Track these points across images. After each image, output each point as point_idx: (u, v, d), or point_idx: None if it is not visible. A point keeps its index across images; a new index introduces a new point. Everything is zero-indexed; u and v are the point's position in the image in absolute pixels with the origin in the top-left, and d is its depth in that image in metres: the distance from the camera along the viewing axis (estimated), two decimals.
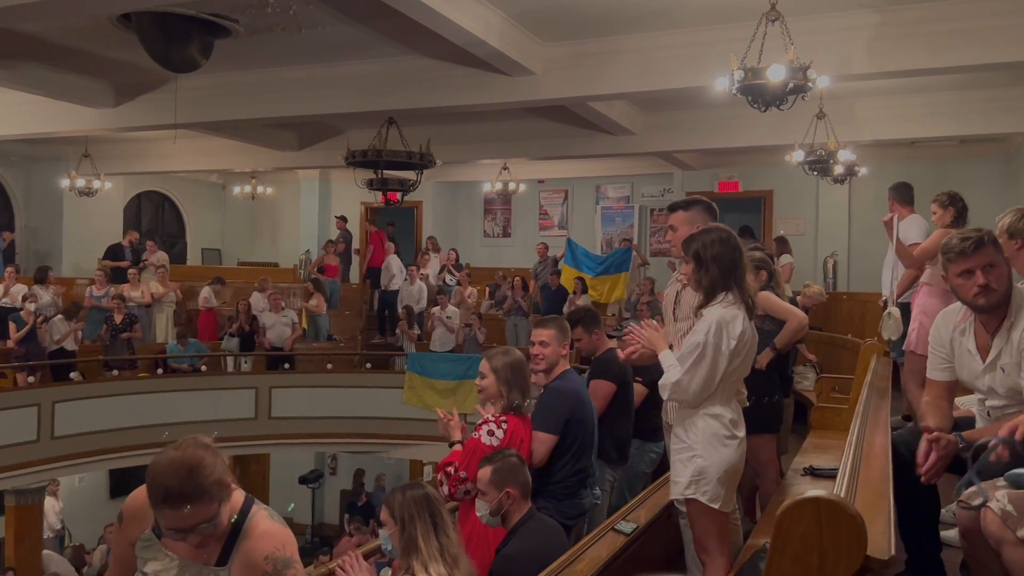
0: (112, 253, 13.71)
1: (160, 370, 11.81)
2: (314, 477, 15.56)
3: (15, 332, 10.57)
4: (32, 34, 8.46)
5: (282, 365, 12.27)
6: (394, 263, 13.78)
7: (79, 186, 13.07)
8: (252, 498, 2.29)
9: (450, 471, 3.68)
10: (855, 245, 13.04)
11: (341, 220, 15.49)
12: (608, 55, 8.18)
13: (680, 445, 3.19)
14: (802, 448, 5.03)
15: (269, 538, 2.20)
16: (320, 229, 16.60)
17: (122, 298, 11.97)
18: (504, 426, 3.72)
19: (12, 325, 10.61)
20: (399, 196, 11.07)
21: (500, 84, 8.58)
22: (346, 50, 8.73)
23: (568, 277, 13.06)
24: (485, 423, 3.74)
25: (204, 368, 12.12)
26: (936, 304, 4.78)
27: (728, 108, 9.49)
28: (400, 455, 13.24)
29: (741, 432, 3.19)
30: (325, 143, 12.93)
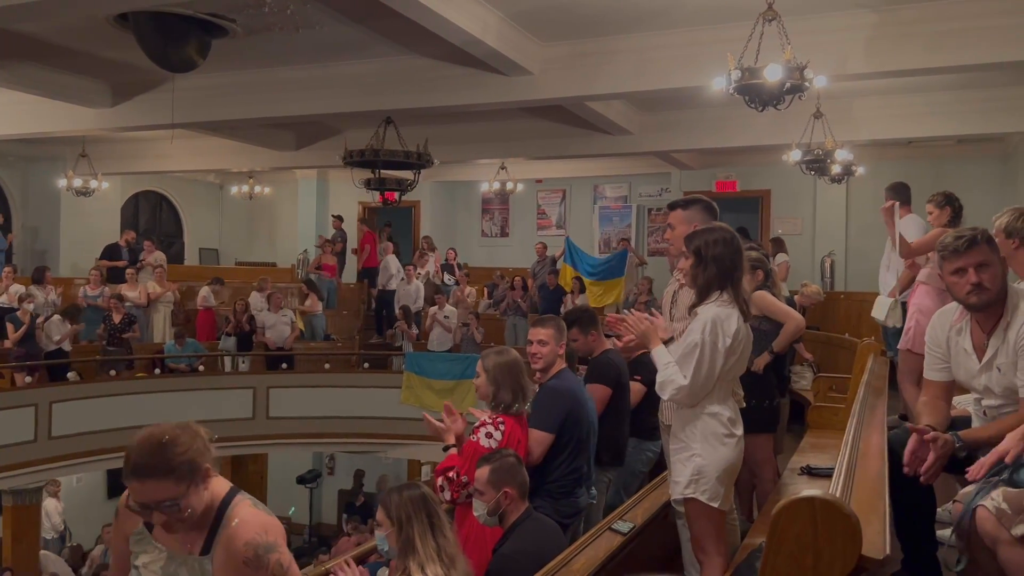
0: (109, 253, 13.68)
1: (157, 370, 11.78)
2: (312, 477, 15.55)
3: (13, 332, 10.55)
4: (29, 34, 8.44)
5: (280, 365, 12.25)
6: (392, 263, 13.77)
7: (76, 186, 13.06)
8: (237, 489, 2.28)
9: (452, 476, 3.67)
10: (852, 245, 13.06)
11: (337, 219, 15.51)
12: (605, 55, 8.18)
13: (678, 445, 3.19)
14: (799, 447, 5.03)
15: (250, 525, 2.19)
16: (318, 229, 16.59)
17: (119, 298, 11.95)
18: (502, 427, 3.72)
19: (10, 326, 10.59)
20: (397, 196, 11.07)
21: (498, 84, 8.58)
22: (343, 50, 8.72)
23: (566, 277, 13.08)
24: (483, 425, 3.74)
25: (202, 368, 12.10)
26: (933, 303, 4.79)
27: (725, 108, 9.50)
28: (398, 455, 13.23)
29: (739, 430, 3.19)
30: (323, 143, 12.93)
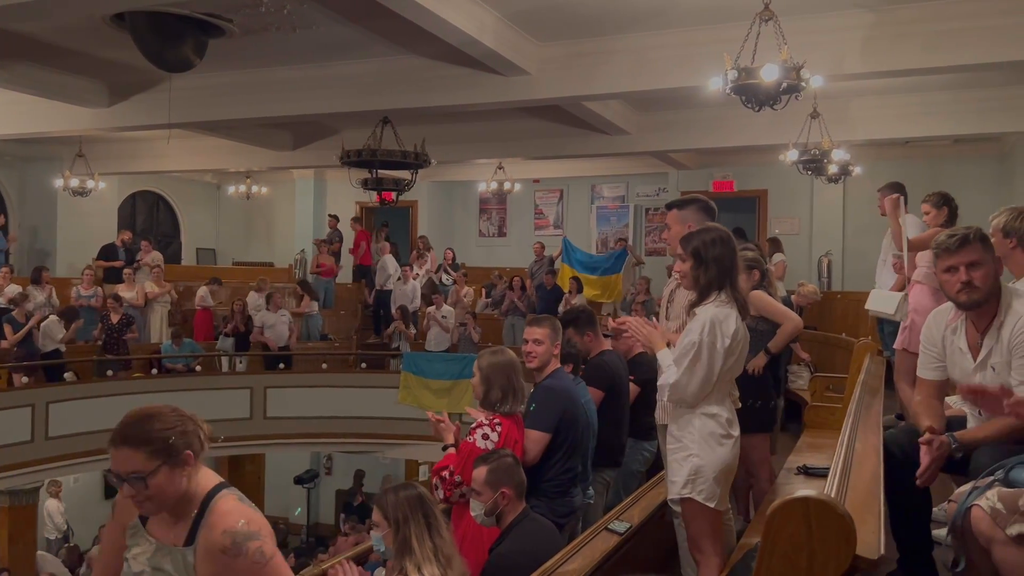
0: (106, 253, 13.66)
1: (155, 370, 11.76)
2: (310, 477, 15.55)
3: (10, 333, 10.53)
4: (26, 34, 8.43)
5: (277, 365, 12.24)
6: (390, 263, 13.75)
7: (73, 186, 13.02)
8: (227, 484, 2.32)
9: (445, 475, 3.68)
10: (849, 245, 13.07)
11: (333, 219, 15.50)
12: (602, 55, 8.18)
13: (676, 445, 3.20)
14: (796, 447, 5.03)
15: (230, 515, 2.21)
16: (315, 229, 16.59)
17: (117, 298, 11.93)
18: (498, 428, 3.73)
19: (8, 327, 10.56)
20: (394, 196, 11.05)
21: (495, 84, 8.57)
22: (340, 50, 8.71)
23: (564, 276, 13.08)
24: (479, 426, 3.75)
25: (199, 368, 12.08)
26: (928, 303, 4.79)
27: (722, 108, 9.50)
28: (395, 455, 13.23)
29: (736, 431, 3.20)
30: (320, 143, 12.91)
